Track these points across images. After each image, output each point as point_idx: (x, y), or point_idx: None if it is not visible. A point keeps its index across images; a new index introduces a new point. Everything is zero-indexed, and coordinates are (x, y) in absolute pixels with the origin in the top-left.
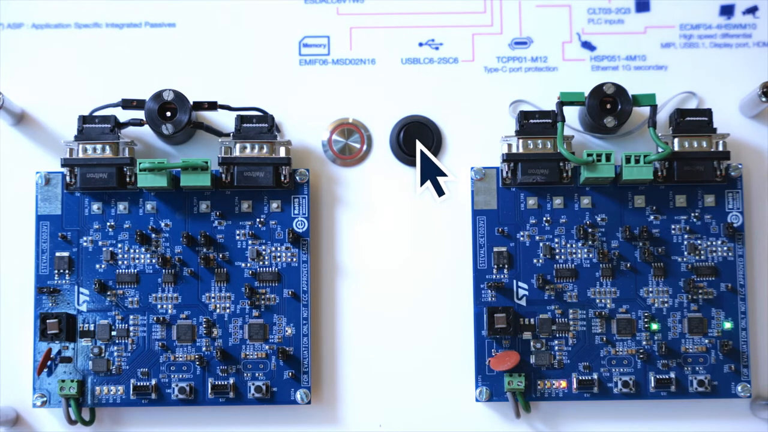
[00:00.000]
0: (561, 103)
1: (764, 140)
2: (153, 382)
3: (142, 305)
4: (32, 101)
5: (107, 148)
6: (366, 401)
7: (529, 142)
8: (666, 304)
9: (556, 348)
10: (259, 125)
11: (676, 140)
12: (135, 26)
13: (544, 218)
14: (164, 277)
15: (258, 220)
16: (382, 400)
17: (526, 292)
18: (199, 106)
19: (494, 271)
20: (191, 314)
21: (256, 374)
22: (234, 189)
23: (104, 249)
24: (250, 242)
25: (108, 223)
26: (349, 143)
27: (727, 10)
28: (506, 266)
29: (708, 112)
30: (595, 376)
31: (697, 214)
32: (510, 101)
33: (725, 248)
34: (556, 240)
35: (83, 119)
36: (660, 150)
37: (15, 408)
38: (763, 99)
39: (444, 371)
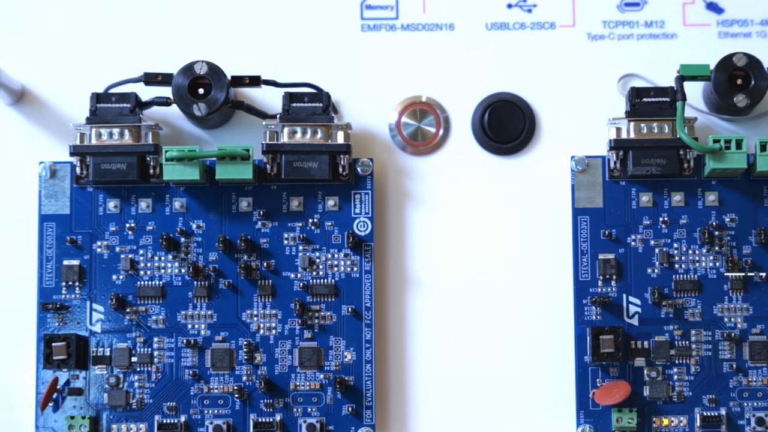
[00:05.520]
0: (681, 78)
1: None
2: (183, 418)
3: (168, 325)
4: (34, 75)
5: (126, 132)
6: None
7: (643, 125)
8: None
9: (676, 377)
10: (311, 105)
11: None
12: None
13: (661, 218)
14: (196, 291)
15: (311, 220)
16: None
17: (639, 309)
18: (238, 81)
19: (600, 283)
20: (229, 336)
21: (309, 409)
22: (281, 183)
23: (123, 256)
24: (301, 248)
25: (127, 225)
26: (422, 127)
27: None
28: (614, 277)
29: None
30: (723, 412)
31: None
32: (619, 76)
33: None
34: (675, 245)
35: (97, 98)
36: None
37: None
38: None
39: (539, 405)
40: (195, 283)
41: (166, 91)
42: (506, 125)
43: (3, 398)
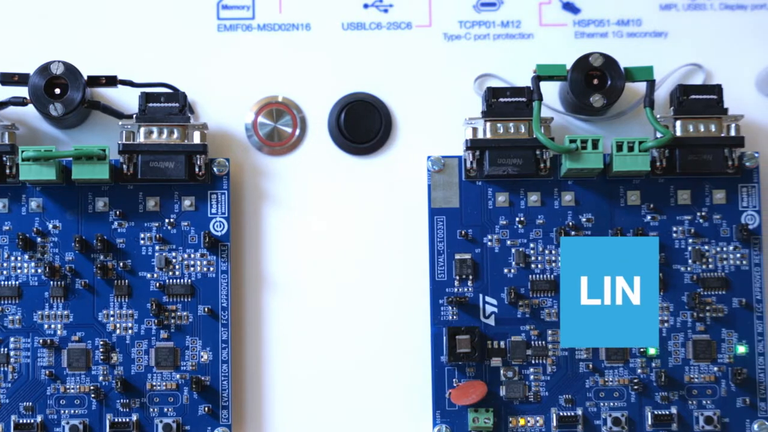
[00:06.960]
0: (537, 78)
1: None
2: (39, 419)
3: (25, 325)
4: None
5: None
6: None
7: (499, 125)
8: (666, 324)
9: (532, 377)
10: (168, 105)
11: (678, 123)
12: None
13: (518, 218)
14: (52, 291)
15: (167, 220)
16: None
17: (495, 309)
18: (95, 81)
19: (456, 283)
20: (85, 336)
21: (165, 409)
22: (138, 183)
23: None
24: (157, 248)
25: None
26: (279, 127)
27: None
28: (471, 277)
29: (717, 89)
30: (580, 412)
31: (704, 213)
32: (476, 76)
33: (738, 255)
34: (531, 245)
35: None
36: (659, 135)
37: None
38: None
39: (395, 405)
40: (51, 283)
41: (23, 91)
42: (363, 125)
43: None
